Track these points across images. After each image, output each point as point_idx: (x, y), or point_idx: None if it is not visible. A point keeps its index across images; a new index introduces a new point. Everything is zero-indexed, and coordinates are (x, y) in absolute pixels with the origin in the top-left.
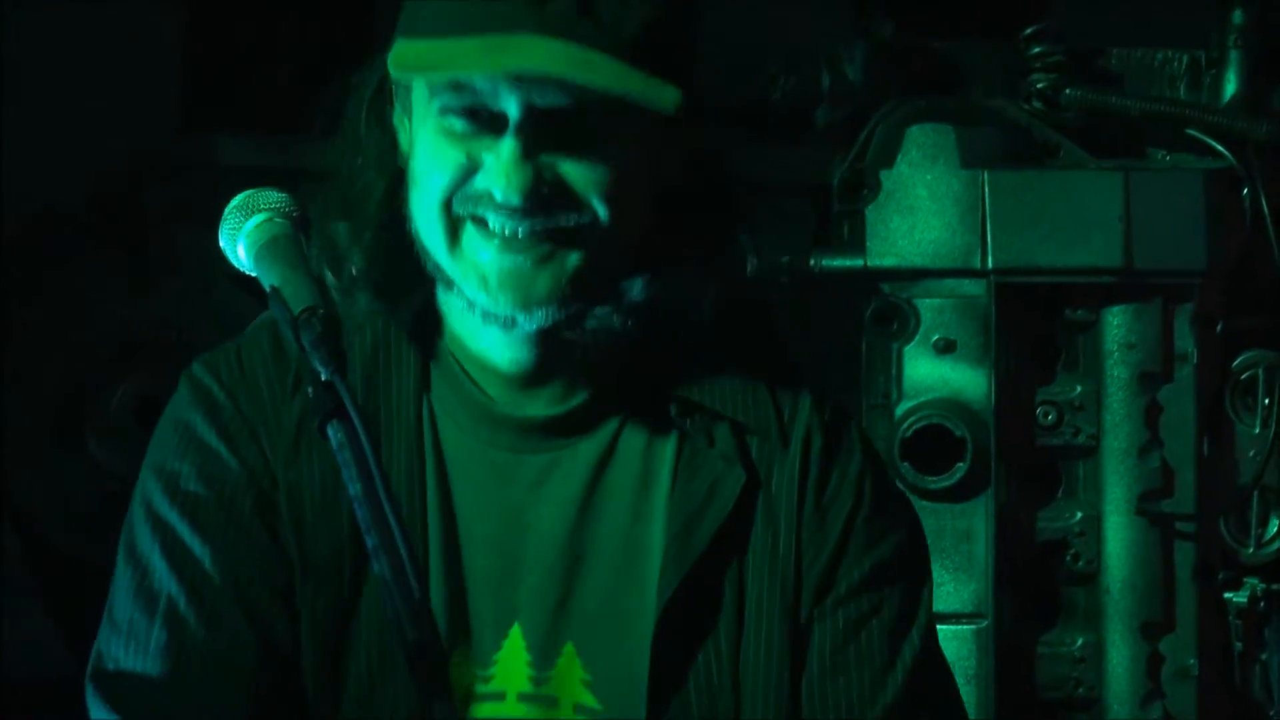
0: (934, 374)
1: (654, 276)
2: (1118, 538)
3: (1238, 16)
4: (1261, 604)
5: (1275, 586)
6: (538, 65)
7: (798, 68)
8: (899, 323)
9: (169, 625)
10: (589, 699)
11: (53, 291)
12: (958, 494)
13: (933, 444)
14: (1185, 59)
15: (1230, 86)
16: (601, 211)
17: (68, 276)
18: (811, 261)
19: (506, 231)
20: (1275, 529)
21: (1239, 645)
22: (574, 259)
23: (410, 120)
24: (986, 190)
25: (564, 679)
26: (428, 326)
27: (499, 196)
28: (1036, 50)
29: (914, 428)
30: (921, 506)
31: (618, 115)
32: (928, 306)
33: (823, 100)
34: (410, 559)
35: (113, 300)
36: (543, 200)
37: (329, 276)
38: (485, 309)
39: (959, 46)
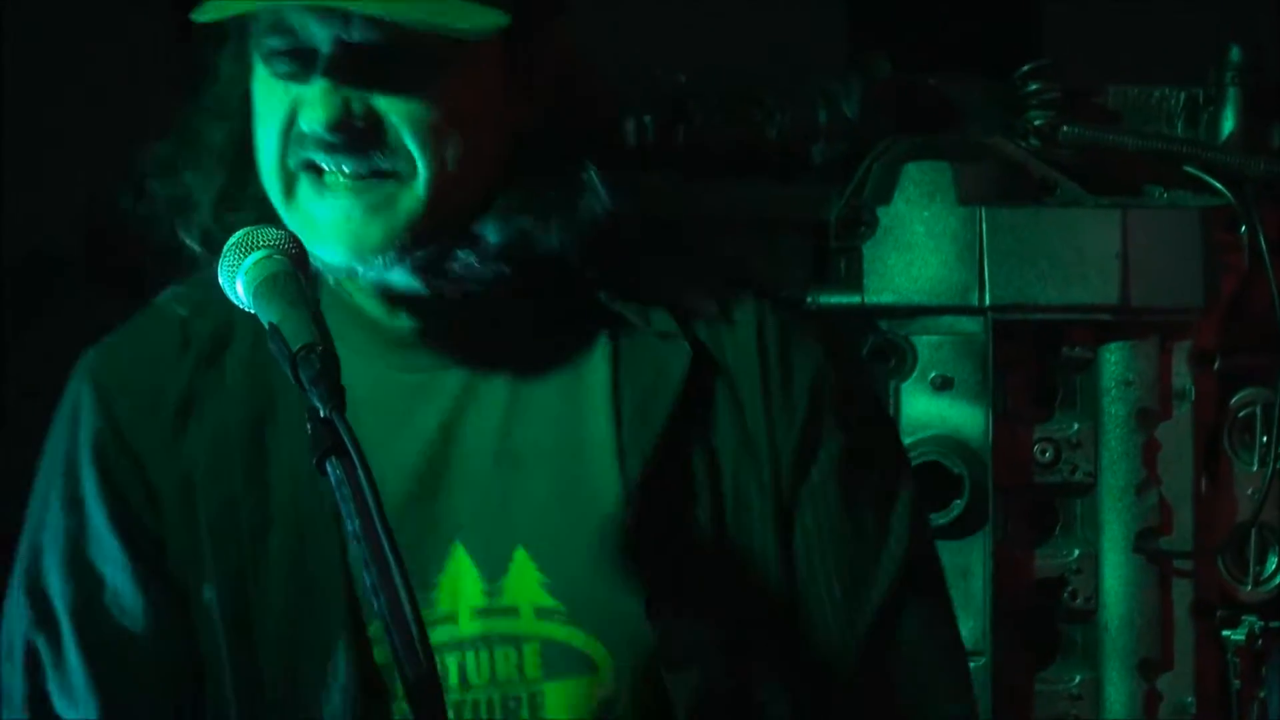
0: (931, 411)
1: (503, 220)
2: (1115, 575)
3: (1235, 54)
4: (1259, 642)
5: (1274, 624)
6: None
7: (794, 104)
8: (896, 360)
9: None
10: (550, 600)
11: (48, 329)
12: (955, 531)
13: (930, 481)
14: (1183, 96)
15: (1228, 123)
16: (419, 153)
17: (63, 315)
18: (808, 299)
19: (329, 168)
20: (1273, 566)
21: (1237, 683)
22: (406, 205)
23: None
24: (983, 227)
25: (519, 585)
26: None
27: (306, 128)
28: (1033, 87)
29: (911, 464)
30: None
31: (444, 50)
32: (925, 343)
33: (819, 137)
34: (408, 595)
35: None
36: (355, 134)
37: (183, 235)
38: (324, 261)
39: (956, 83)
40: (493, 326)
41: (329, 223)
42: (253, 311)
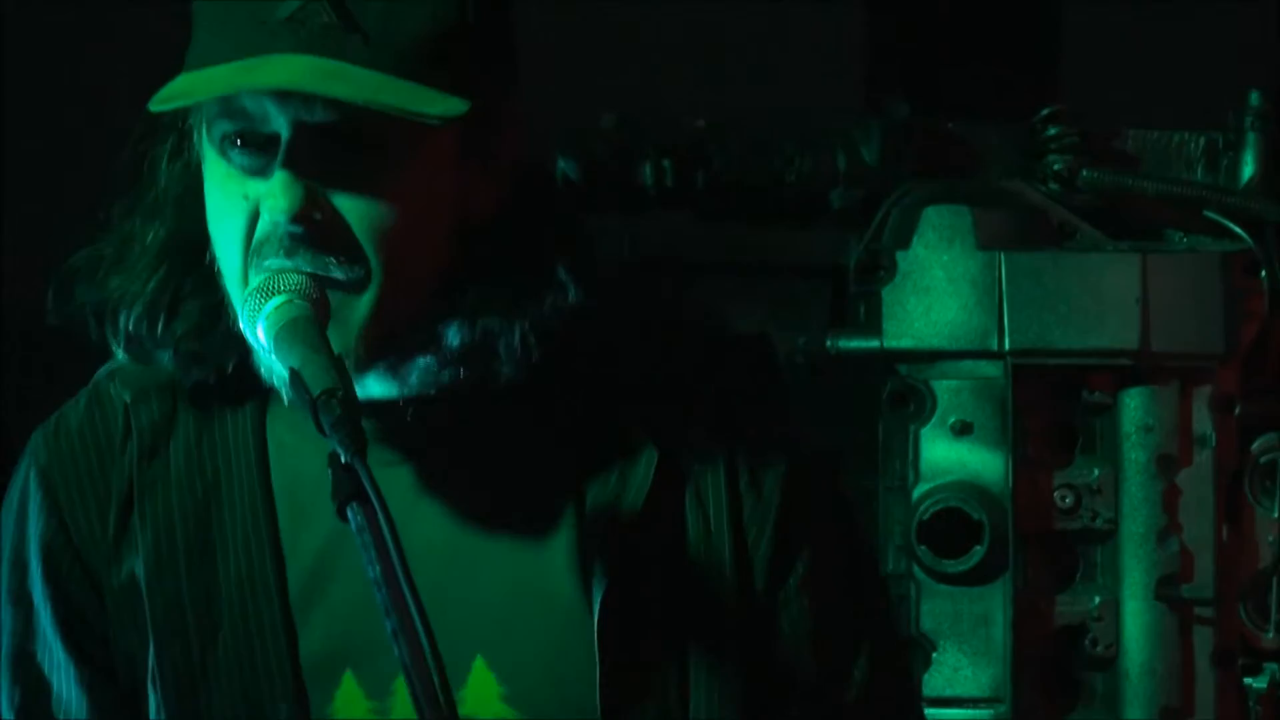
0: (951, 456)
1: (469, 325)
2: (1136, 622)
3: (1255, 98)
4: None
5: None
6: (284, 80)
7: (813, 149)
8: (915, 404)
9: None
10: (509, 712)
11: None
12: (975, 577)
13: (950, 527)
14: (1203, 140)
15: (1248, 168)
16: (375, 259)
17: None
18: (828, 343)
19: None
20: None
21: None
22: (361, 314)
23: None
24: (1003, 272)
25: (478, 696)
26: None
27: (269, 218)
28: (1053, 132)
29: (931, 510)
30: (939, 590)
31: (402, 139)
32: (944, 388)
33: (838, 182)
34: (430, 643)
35: None
36: (316, 227)
37: (109, 339)
38: (275, 375)
39: (975, 128)
40: (448, 424)
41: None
42: (273, 356)
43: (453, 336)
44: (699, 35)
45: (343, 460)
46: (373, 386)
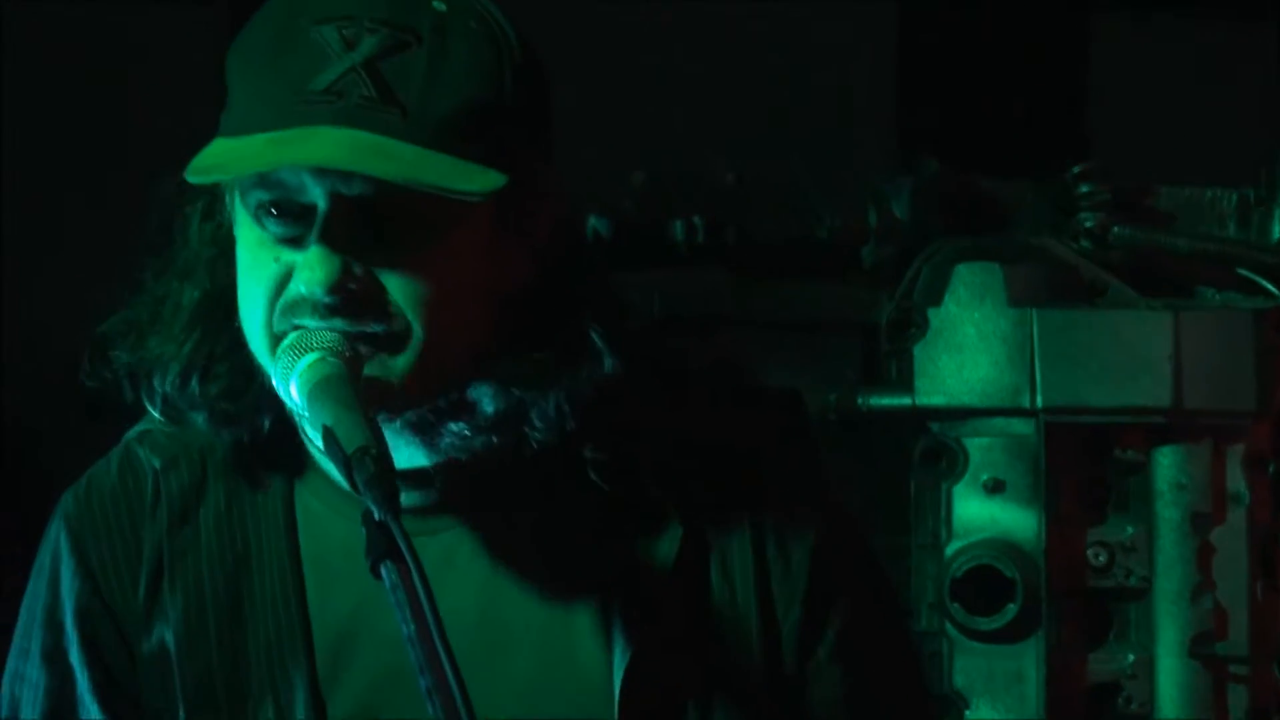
0: (983, 514)
1: (504, 394)
2: (1170, 680)
3: None
4: None
5: None
6: (322, 156)
7: (844, 205)
8: (948, 462)
9: None
10: None
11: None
12: (1008, 635)
13: (983, 584)
14: (1234, 197)
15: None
16: (416, 320)
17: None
18: (859, 400)
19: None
20: None
21: None
22: (396, 371)
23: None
24: (1035, 329)
25: None
26: (289, 428)
27: (304, 290)
28: (1084, 189)
29: (964, 568)
30: (972, 648)
31: (439, 211)
32: (977, 446)
33: (869, 238)
34: (464, 701)
35: None
36: (351, 297)
37: (145, 402)
38: (310, 431)
39: (1006, 185)
40: (477, 493)
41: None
42: (306, 413)
43: (487, 404)
44: (730, 92)
45: (376, 518)
46: (403, 455)
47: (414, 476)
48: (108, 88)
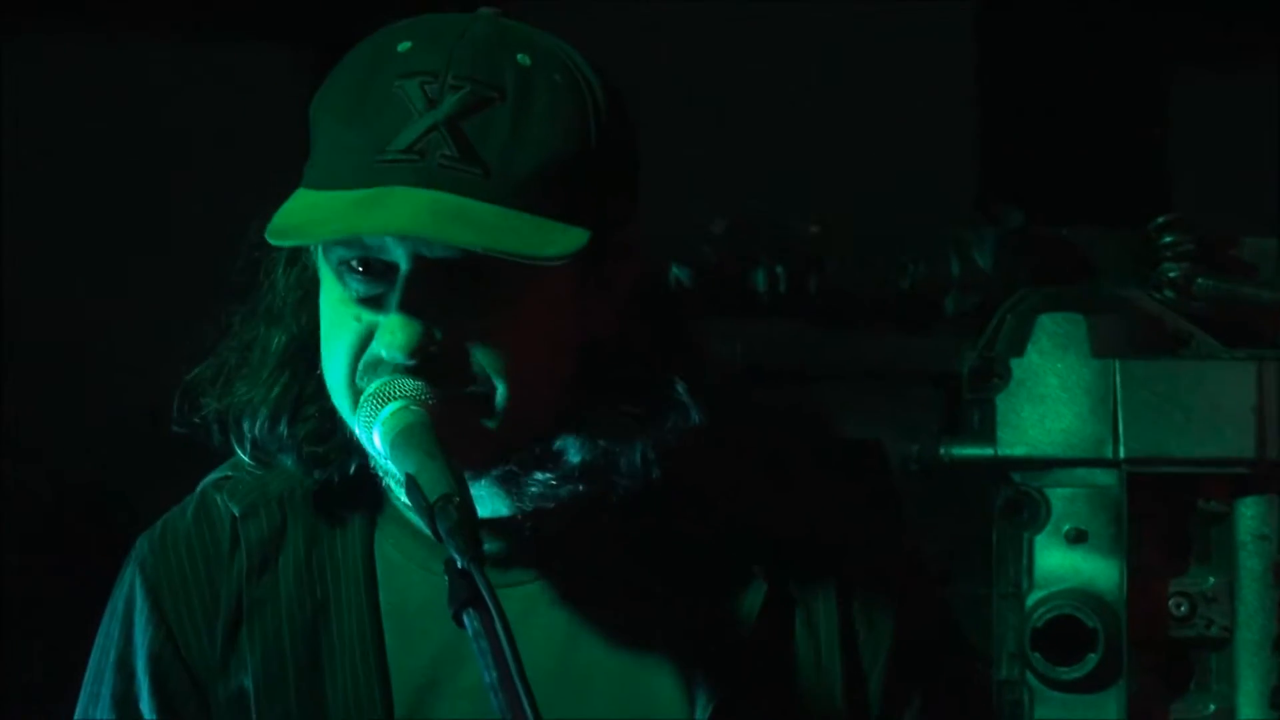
0: (1065, 564)
1: (590, 443)
2: None
3: None
4: None
5: None
6: (401, 223)
7: (927, 254)
8: (1030, 512)
9: None
10: None
11: None
12: (1090, 685)
13: (1064, 634)
14: None
15: None
16: (500, 385)
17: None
18: (941, 450)
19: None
20: None
21: None
22: (480, 429)
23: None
24: (1118, 379)
25: None
26: (373, 471)
27: (385, 355)
28: (1167, 239)
29: (1045, 618)
30: (1053, 697)
31: (524, 269)
32: (1059, 496)
33: (952, 287)
34: None
35: None
36: (432, 361)
37: (235, 446)
38: (392, 480)
39: (1089, 235)
40: (557, 545)
41: None
42: (389, 461)
43: (573, 454)
44: (812, 139)
45: (459, 566)
46: (488, 506)
47: (498, 526)
48: (196, 132)
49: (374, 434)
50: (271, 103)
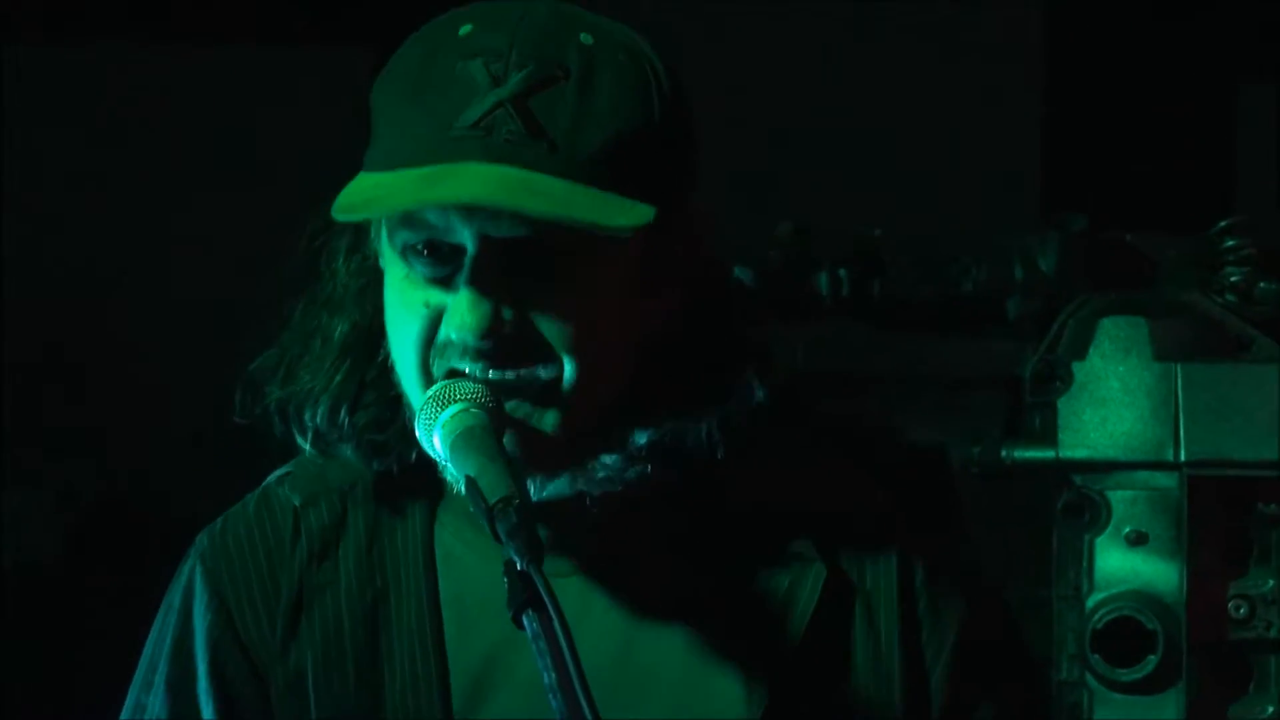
0: (1125, 566)
1: (655, 424)
2: None
3: None
4: None
5: None
6: (472, 193)
7: (989, 259)
8: (1090, 514)
9: None
10: None
11: None
12: (1149, 687)
13: (1124, 636)
14: None
15: None
16: (570, 362)
17: None
18: (1003, 453)
19: (474, 374)
20: None
21: None
22: (550, 418)
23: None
24: (1179, 383)
25: None
26: (433, 462)
27: (455, 336)
28: (1229, 243)
29: (1105, 620)
30: (1112, 699)
31: (589, 246)
32: (1119, 499)
33: (1014, 291)
34: None
35: None
36: (504, 340)
37: (296, 436)
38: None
39: (1151, 240)
40: (616, 535)
41: None
42: (449, 463)
43: (640, 435)
44: (876, 144)
45: (519, 568)
46: (551, 486)
47: (560, 509)
48: (256, 129)
49: (434, 438)
50: (327, 104)
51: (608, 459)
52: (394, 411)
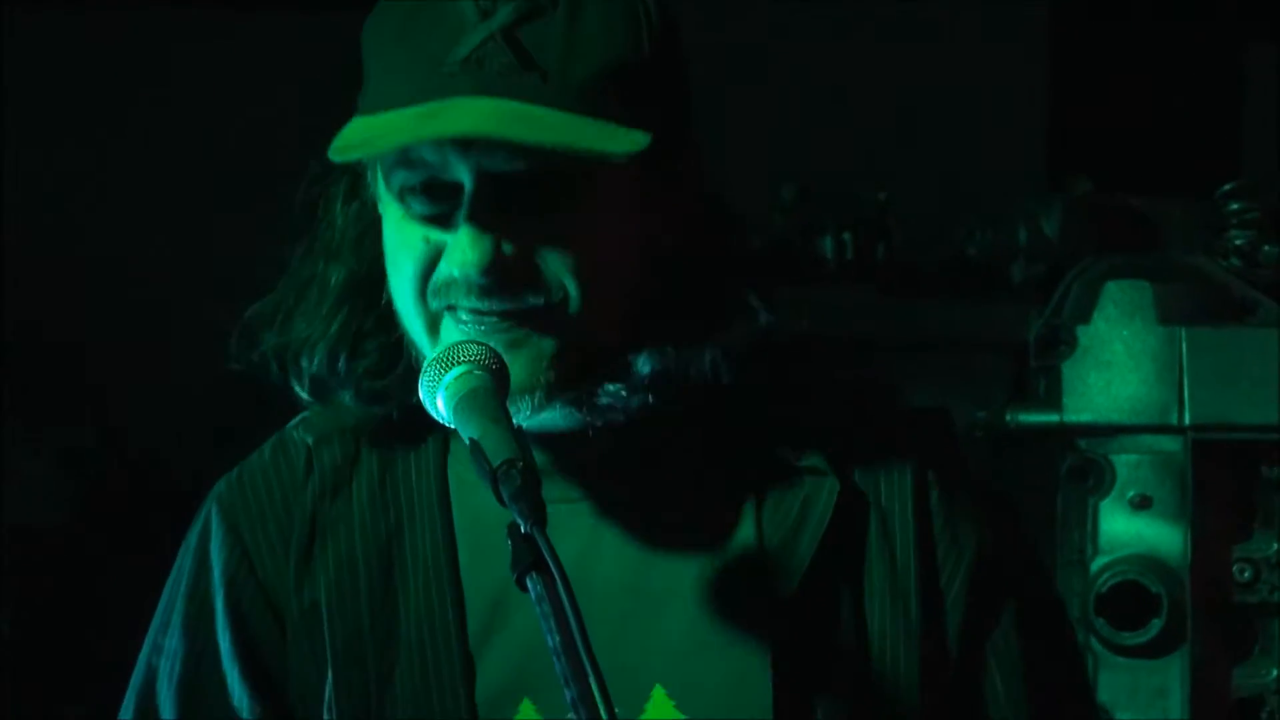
0: (1129, 530)
1: (659, 353)
2: None
3: None
4: None
5: None
6: (468, 126)
7: (994, 223)
8: (1095, 478)
9: None
10: None
11: None
12: (1153, 650)
13: (1128, 600)
14: None
15: None
16: (573, 290)
17: None
18: (1007, 417)
19: (476, 317)
20: None
21: None
22: (550, 343)
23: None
24: (1184, 347)
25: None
26: None
27: (457, 273)
28: (1234, 207)
29: (1109, 584)
30: (1116, 662)
31: (586, 176)
32: (1124, 462)
33: (1019, 256)
34: (609, 712)
35: None
36: (506, 274)
37: (294, 384)
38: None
39: (1156, 203)
40: (626, 458)
41: None
42: (453, 426)
43: (643, 364)
44: (880, 109)
45: (523, 530)
46: (558, 417)
47: (568, 439)
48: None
49: (438, 399)
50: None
51: (611, 387)
52: (394, 359)
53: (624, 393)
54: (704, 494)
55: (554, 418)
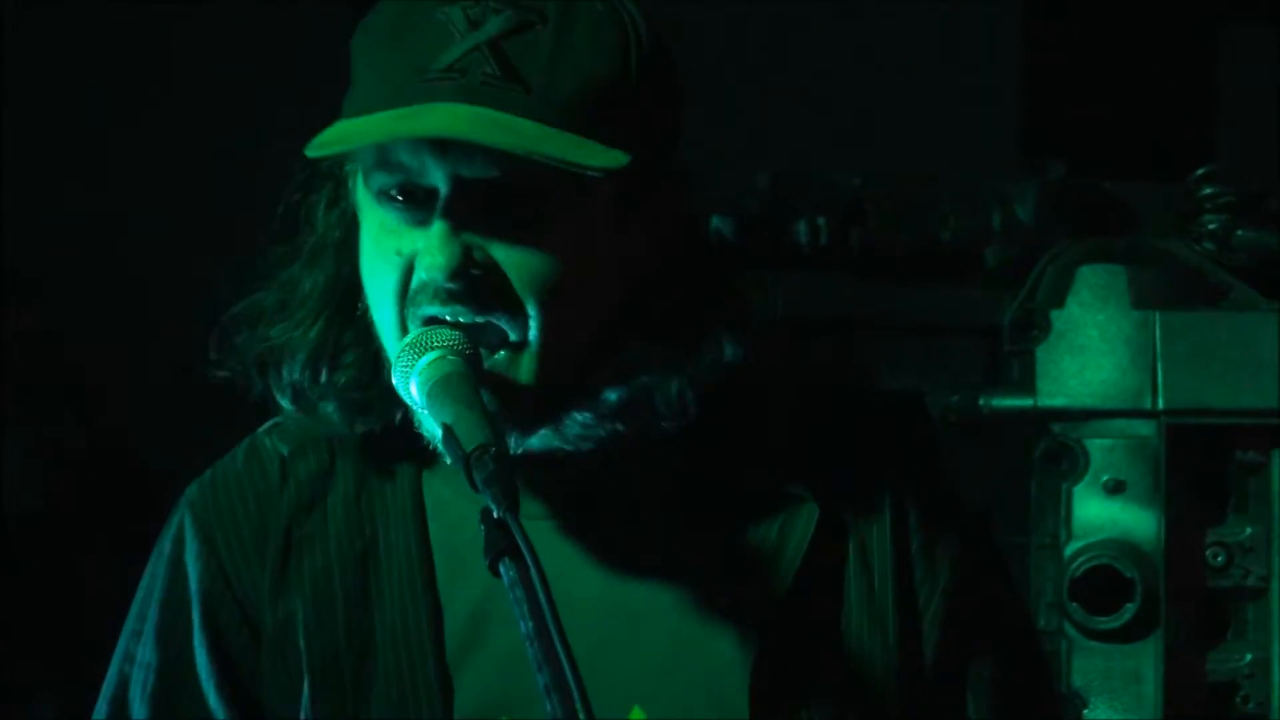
0: (1103, 514)
1: (626, 382)
2: None
3: None
4: None
5: None
6: (445, 127)
7: (968, 207)
8: (1068, 463)
9: None
10: None
11: None
12: (1127, 635)
13: (1102, 585)
14: None
15: None
16: (540, 309)
17: None
18: (981, 402)
19: (447, 319)
20: None
21: None
22: (521, 368)
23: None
24: (1158, 331)
25: None
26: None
27: (425, 276)
28: (1208, 191)
29: (1083, 568)
30: (1090, 647)
31: (561, 193)
32: (1098, 447)
33: (993, 240)
34: (583, 698)
35: None
36: (473, 283)
37: (274, 392)
38: (428, 429)
39: (1130, 187)
40: (601, 479)
41: None
42: (426, 411)
43: (610, 392)
44: (854, 93)
45: (495, 515)
46: (529, 440)
47: (540, 462)
48: (238, 83)
49: (411, 384)
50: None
51: (580, 416)
52: (375, 371)
53: (592, 421)
54: (681, 515)
55: (527, 441)
